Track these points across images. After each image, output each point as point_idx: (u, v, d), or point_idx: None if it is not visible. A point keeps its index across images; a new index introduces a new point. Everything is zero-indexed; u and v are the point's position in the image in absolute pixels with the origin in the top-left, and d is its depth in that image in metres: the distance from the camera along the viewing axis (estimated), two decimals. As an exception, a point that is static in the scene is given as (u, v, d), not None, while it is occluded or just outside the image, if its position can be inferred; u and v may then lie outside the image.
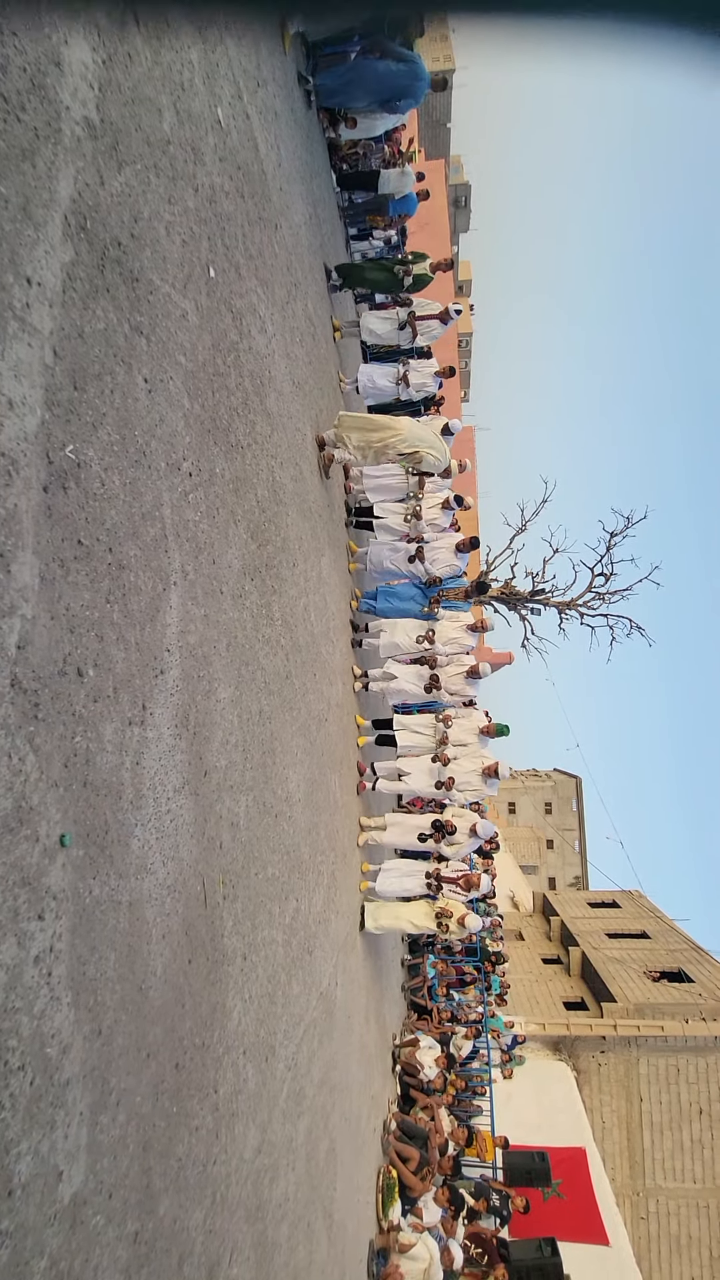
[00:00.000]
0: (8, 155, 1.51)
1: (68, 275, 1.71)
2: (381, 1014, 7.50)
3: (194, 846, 2.36)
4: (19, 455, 1.49)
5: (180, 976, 2.20)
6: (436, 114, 30.66)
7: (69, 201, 1.74)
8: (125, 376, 2.01)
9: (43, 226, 1.62)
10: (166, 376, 2.33)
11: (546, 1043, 13.74)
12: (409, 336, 7.17)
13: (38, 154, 1.62)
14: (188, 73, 2.72)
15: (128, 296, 2.06)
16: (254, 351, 3.52)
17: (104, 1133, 1.72)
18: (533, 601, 18.77)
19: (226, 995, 2.64)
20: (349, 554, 6.92)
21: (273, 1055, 3.21)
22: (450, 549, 6.74)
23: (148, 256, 2.22)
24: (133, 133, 2.16)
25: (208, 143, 2.93)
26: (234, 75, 3.44)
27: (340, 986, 4.86)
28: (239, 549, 3.07)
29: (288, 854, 3.63)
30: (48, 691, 1.55)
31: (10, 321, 1.48)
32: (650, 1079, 13.44)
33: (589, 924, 18.28)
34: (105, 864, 1.77)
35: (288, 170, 4.77)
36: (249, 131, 3.69)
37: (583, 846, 34.48)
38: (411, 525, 6.71)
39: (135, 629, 1.99)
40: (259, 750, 3.22)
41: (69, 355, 1.70)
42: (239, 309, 3.28)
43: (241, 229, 3.39)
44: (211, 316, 2.84)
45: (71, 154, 1.77)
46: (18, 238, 1.52)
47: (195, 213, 2.70)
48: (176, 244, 2.48)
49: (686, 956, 16.04)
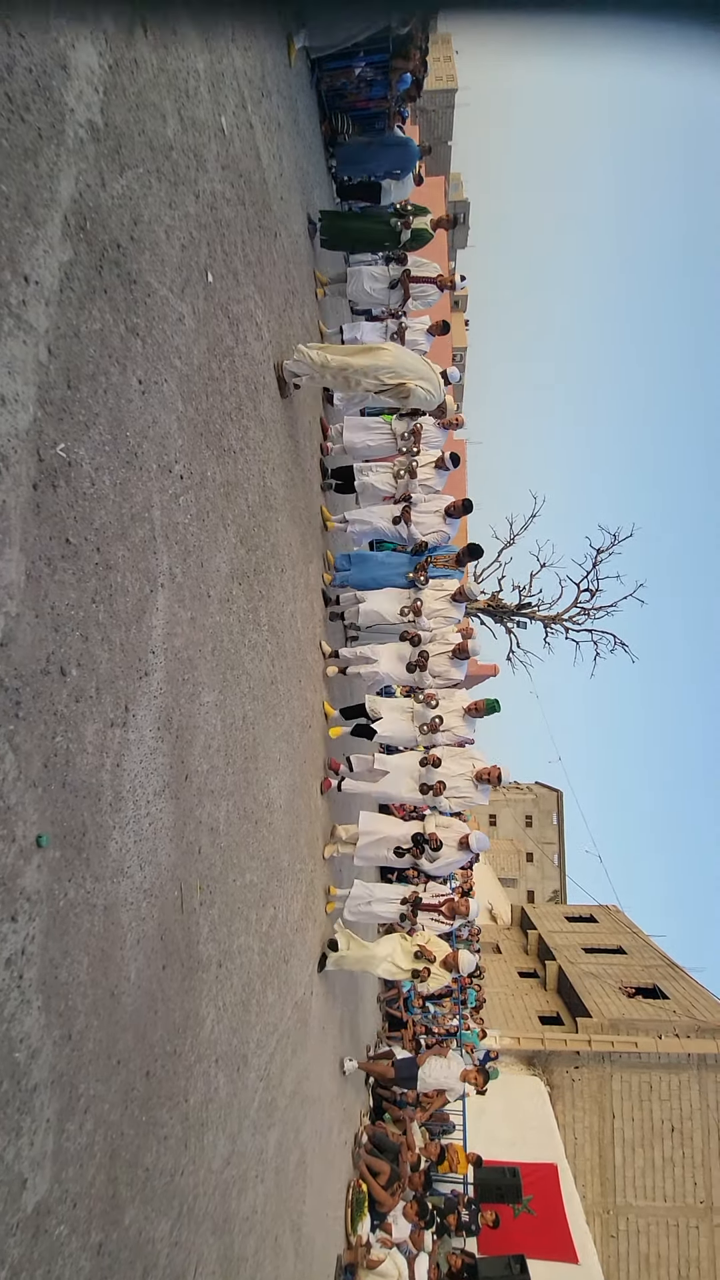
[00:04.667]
0: (10, 154, 1.51)
1: (65, 275, 1.71)
2: (356, 1025, 7.45)
3: (172, 851, 2.34)
4: (9, 452, 1.48)
5: (154, 983, 2.18)
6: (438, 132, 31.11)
7: (69, 202, 1.74)
8: (119, 377, 2.01)
9: (42, 226, 1.62)
10: (161, 379, 2.33)
11: (521, 1057, 13.71)
12: (400, 297, 6.41)
13: (40, 154, 1.63)
14: (193, 81, 2.75)
15: (125, 298, 2.06)
16: (249, 357, 3.54)
17: (71, 1140, 1.69)
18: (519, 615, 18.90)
19: (200, 1003, 2.61)
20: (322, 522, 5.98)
21: (245, 1065, 3.18)
22: (439, 513, 5.96)
23: (146, 259, 2.22)
24: (136, 137, 2.17)
25: (210, 150, 2.95)
26: (239, 85, 3.47)
27: (316, 996, 4.82)
28: (228, 553, 3.06)
29: (267, 861, 3.61)
30: (29, 690, 1.54)
31: (6, 319, 1.48)
32: (623, 1095, 13.46)
33: (566, 938, 18.32)
34: (81, 866, 1.75)
35: (289, 180, 4.81)
36: (252, 141, 3.72)
37: (562, 860, 34.60)
38: (403, 483, 5.87)
39: (120, 630, 1.98)
40: (241, 755, 3.21)
41: (64, 354, 1.70)
42: (236, 314, 3.29)
43: (241, 236, 3.41)
44: (208, 321, 2.85)
45: (74, 155, 1.77)
46: (17, 236, 1.52)
47: (195, 218, 2.72)
48: (176, 248, 2.49)
49: (662, 973, 16.12)
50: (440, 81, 31.30)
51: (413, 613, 5.76)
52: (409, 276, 6.30)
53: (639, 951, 17.44)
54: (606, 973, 16.07)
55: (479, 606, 18.83)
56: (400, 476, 5.88)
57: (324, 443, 6.09)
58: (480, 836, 5.32)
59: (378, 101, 6.80)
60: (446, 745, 5.64)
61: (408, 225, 6.21)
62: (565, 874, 34.04)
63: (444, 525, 5.93)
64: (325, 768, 5.50)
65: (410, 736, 5.68)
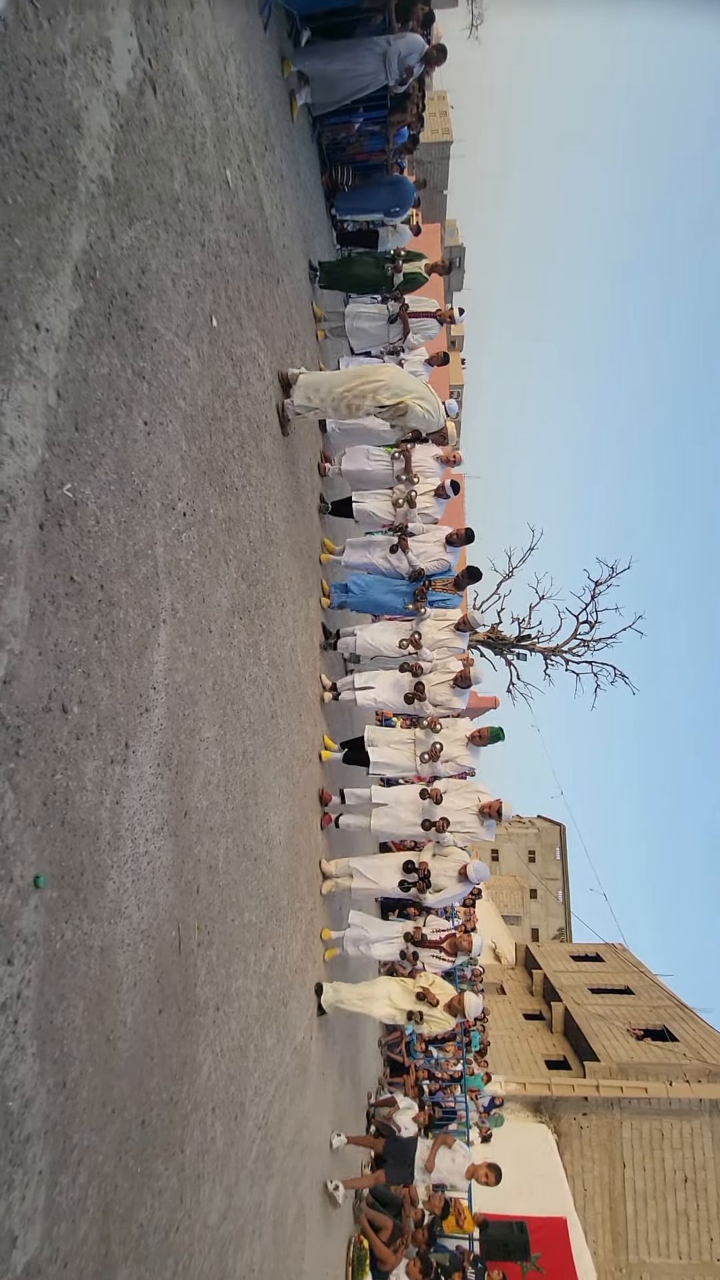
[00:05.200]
0: (25, 209, 1.57)
1: (75, 322, 1.76)
2: (357, 1070, 7.22)
3: (170, 890, 2.31)
4: (17, 493, 1.51)
5: (150, 1027, 2.13)
6: (434, 181, 32.29)
7: (80, 253, 1.81)
8: (126, 419, 2.06)
9: (54, 276, 1.68)
10: (166, 419, 2.38)
11: (527, 1103, 13.27)
12: (399, 331, 6.47)
13: (53, 209, 1.69)
14: (200, 137, 2.87)
15: (132, 343, 2.12)
16: (252, 397, 3.62)
17: (63, 1194, 1.63)
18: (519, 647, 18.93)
19: (197, 1048, 2.54)
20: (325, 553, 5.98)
21: (242, 1113, 3.08)
22: (440, 542, 5.84)
23: (153, 306, 2.29)
24: (145, 191, 2.26)
25: (216, 201, 3.07)
26: (244, 140, 3.62)
27: (315, 1040, 4.69)
28: (229, 588, 3.09)
29: (266, 900, 3.56)
30: (30, 728, 1.54)
31: (17, 365, 1.52)
32: (634, 1143, 12.99)
33: (572, 978, 17.89)
34: (79, 907, 1.73)
35: (291, 228, 4.98)
36: (256, 192, 3.87)
37: (566, 897, 33.96)
38: (400, 512, 5.78)
39: (122, 666, 1.99)
40: (241, 791, 3.18)
41: (72, 397, 1.74)
42: (239, 356, 3.38)
43: (245, 282, 3.52)
44: (212, 363, 2.93)
45: (85, 209, 1.85)
46: (29, 285, 1.58)
47: (201, 266, 2.81)
48: (182, 295, 2.57)
49: (670, 1014, 15.70)
50: (436, 134, 32.71)
51: (412, 645, 5.65)
52: (407, 311, 6.42)
53: (647, 992, 17.01)
54: (614, 1014, 15.64)
55: (479, 639, 18.87)
56: (399, 505, 5.83)
57: (322, 463, 6.10)
58: (479, 866, 5.10)
59: (376, 154, 7.09)
60: (449, 776, 5.47)
61: (399, 269, 6.43)
62: (570, 911, 33.39)
63: (445, 554, 5.86)
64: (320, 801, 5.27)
65: (409, 766, 5.49)
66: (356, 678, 5.76)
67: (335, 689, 5.75)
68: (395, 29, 5.51)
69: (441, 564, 5.90)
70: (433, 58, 5.83)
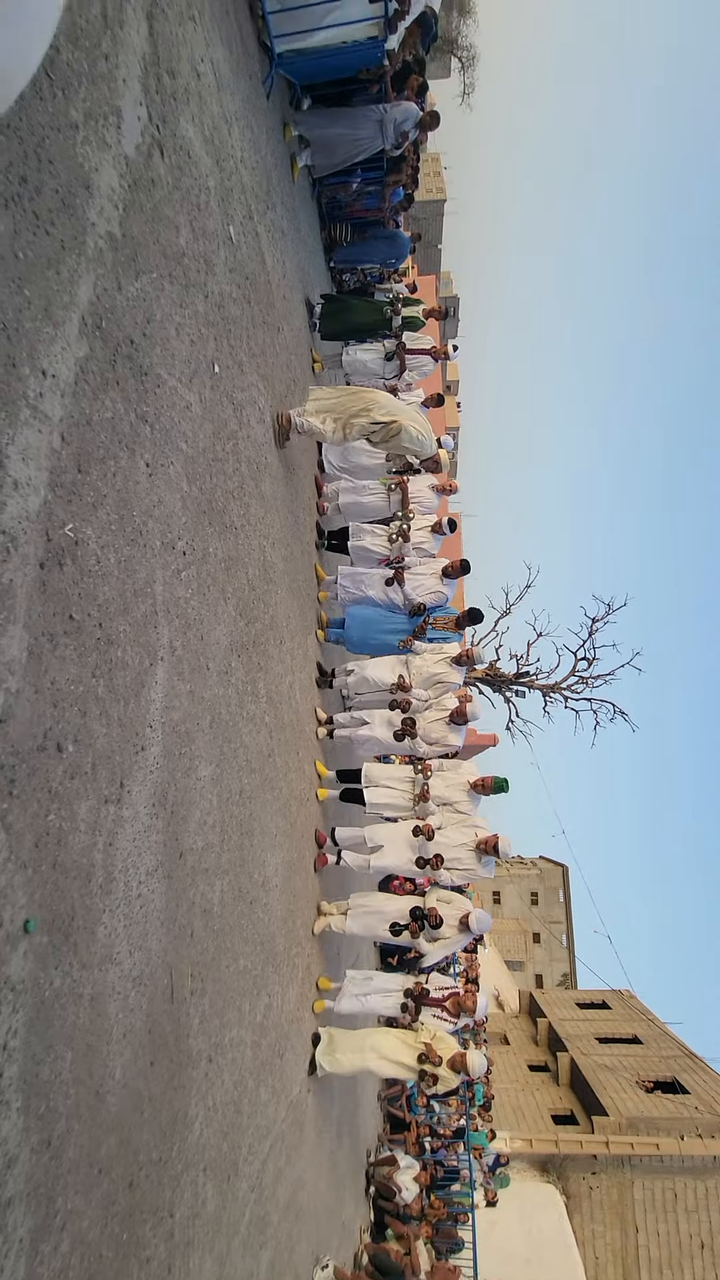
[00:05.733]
0: (35, 263, 1.63)
1: (81, 369, 1.82)
2: (356, 1127, 6.93)
3: (163, 935, 2.25)
4: (19, 533, 1.53)
5: (140, 1080, 2.05)
6: (429, 236, 33.61)
7: (87, 304, 1.87)
8: (128, 461, 2.10)
9: (61, 325, 1.74)
10: (168, 461, 2.43)
11: (533, 1162, 12.70)
12: (395, 369, 6.60)
13: (62, 263, 1.76)
14: (204, 196, 3.00)
15: (136, 388, 2.18)
16: (252, 440, 3.69)
17: (44, 1264, 1.55)
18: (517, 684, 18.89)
19: (189, 1103, 2.44)
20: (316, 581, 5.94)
21: (235, 1174, 2.94)
22: (436, 574, 5.79)
23: (157, 353, 2.36)
24: (151, 246, 2.35)
25: (219, 256, 3.19)
26: (246, 199, 3.79)
27: (312, 1094, 4.51)
28: (227, 626, 3.10)
29: (262, 945, 3.47)
30: (25, 767, 1.53)
31: (23, 409, 1.56)
32: (646, 1205, 12.38)
33: (578, 1027, 17.31)
34: (69, 953, 1.68)
35: (291, 280, 5.17)
36: (258, 247, 4.03)
37: (570, 941, 33.10)
38: (396, 547, 5.80)
39: (119, 704, 1.98)
40: (237, 831, 3.13)
41: (76, 440, 1.78)
42: (240, 401, 3.47)
43: (246, 331, 3.64)
44: (214, 407, 3.00)
45: (93, 263, 1.92)
46: (37, 335, 1.63)
47: (204, 316, 2.91)
48: (185, 343, 2.65)
49: (681, 1064, 15.14)
50: (430, 193, 34.25)
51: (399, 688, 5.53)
52: (404, 348, 6.55)
53: (655, 1041, 16.44)
54: (622, 1065, 15.09)
55: (477, 675, 18.85)
56: (395, 540, 5.81)
57: (319, 502, 6.11)
58: (481, 915, 4.87)
59: (373, 211, 7.41)
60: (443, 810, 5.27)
61: (397, 312, 6.64)
62: (574, 956, 32.49)
63: (441, 586, 5.80)
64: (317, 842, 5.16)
65: (406, 806, 5.35)
66: (352, 714, 5.66)
67: (331, 724, 5.66)
68: (391, 98, 5.82)
69: (438, 596, 5.86)
70: (427, 124, 6.16)
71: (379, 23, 4.79)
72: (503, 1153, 11.81)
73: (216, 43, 3.32)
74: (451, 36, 31.29)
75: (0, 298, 1.50)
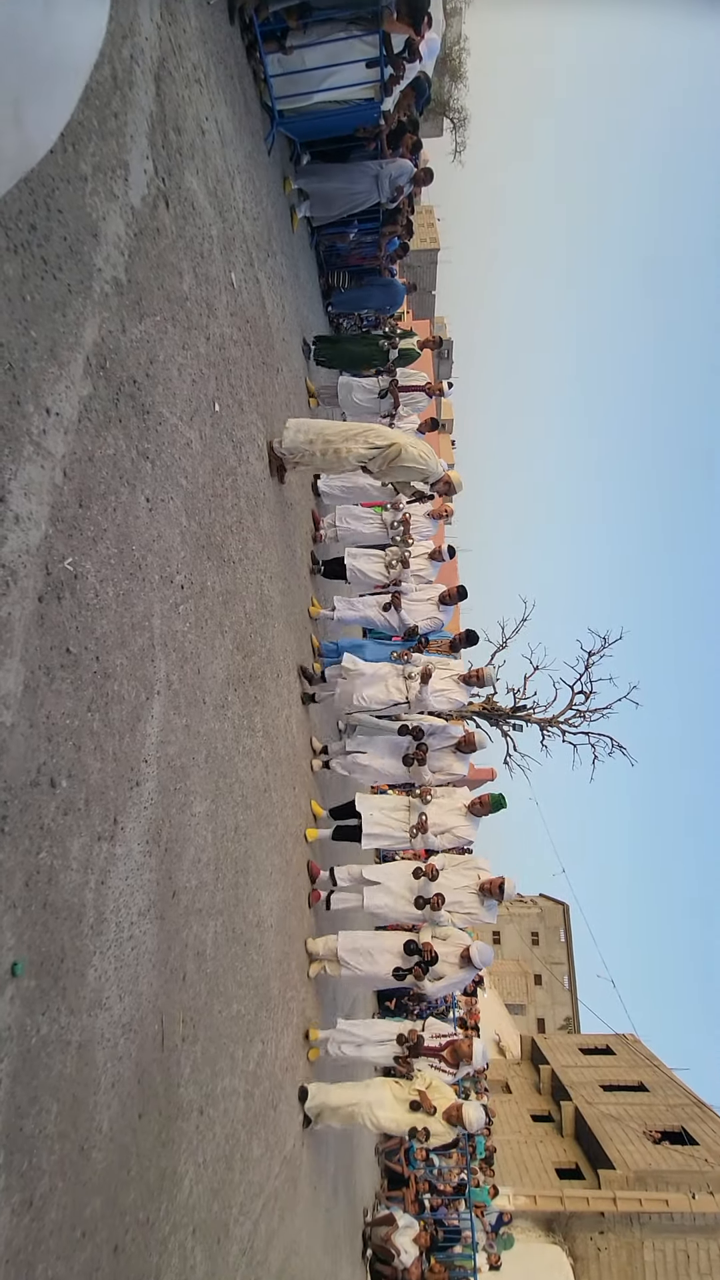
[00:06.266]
0: (41, 306, 1.68)
1: (84, 407, 1.85)
2: (352, 1182, 6.63)
3: (155, 978, 2.18)
4: (19, 567, 1.53)
5: (128, 1134, 1.96)
6: (423, 284, 34.78)
7: (92, 345, 1.92)
8: (129, 496, 2.13)
9: (66, 365, 1.77)
10: (168, 497, 2.46)
11: (538, 1220, 12.13)
12: (390, 405, 6.69)
13: (69, 306, 1.81)
14: (207, 244, 3.10)
15: (138, 426, 2.21)
16: (251, 476, 3.75)
17: (21, 1340, 1.46)
18: (514, 718, 18.80)
19: (179, 1159, 2.34)
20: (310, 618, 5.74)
21: (226, 1236, 2.80)
22: (433, 600, 5.76)
23: (160, 392, 2.41)
24: (155, 290, 2.42)
25: (221, 300, 3.28)
26: (248, 247, 3.92)
27: (307, 1148, 4.32)
28: (224, 659, 3.09)
29: (256, 988, 3.37)
30: (17, 803, 1.50)
31: (26, 445, 1.58)
32: (657, 1268, 11.79)
33: (582, 1074, 16.75)
34: (57, 997, 1.63)
35: (290, 324, 5.32)
36: (258, 292, 4.15)
37: (572, 983, 32.26)
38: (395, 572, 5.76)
39: (114, 738, 1.96)
40: (232, 869, 3.07)
41: (78, 476, 1.80)
42: (239, 438, 3.53)
43: (246, 371, 3.72)
44: (213, 445, 3.05)
45: (99, 306, 1.97)
46: (42, 374, 1.66)
47: (205, 357, 2.98)
48: (187, 382, 2.71)
49: (689, 1113, 14.62)
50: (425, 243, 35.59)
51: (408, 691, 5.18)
52: (397, 386, 6.65)
53: (662, 1088, 15.90)
54: (628, 1114, 14.56)
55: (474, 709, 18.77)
56: (393, 566, 5.78)
57: (316, 532, 6.12)
58: (483, 948, 4.64)
59: (370, 259, 7.68)
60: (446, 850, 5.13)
61: (394, 345, 6.73)
62: (576, 998, 31.61)
63: (438, 612, 5.77)
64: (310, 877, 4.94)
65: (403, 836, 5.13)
66: (349, 742, 5.49)
67: (326, 753, 5.52)
68: (387, 155, 6.08)
69: (434, 623, 5.82)
70: (421, 179, 6.44)
71: (375, 86, 5.04)
72: (506, 1210, 11.28)
73: (221, 103, 3.47)
74: (444, 99, 32.95)
75: (7, 338, 1.53)
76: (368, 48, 4.73)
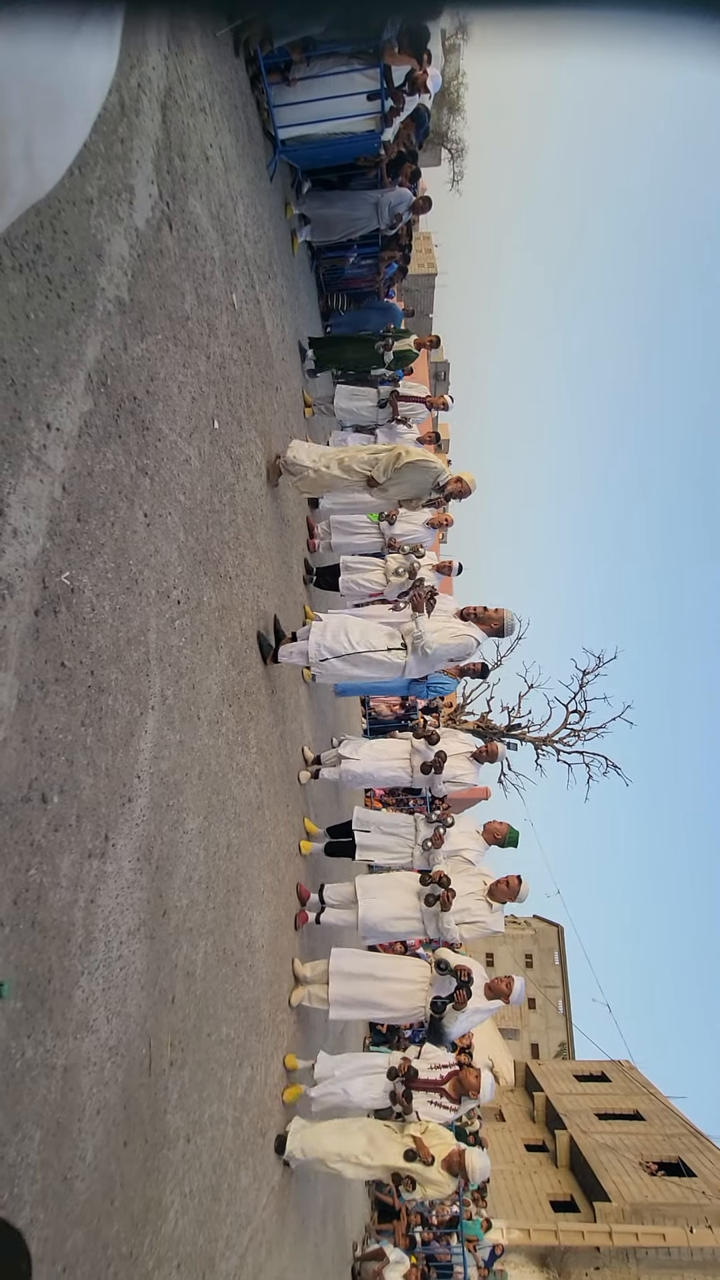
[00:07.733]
0: (45, 324, 1.69)
1: (85, 423, 1.86)
2: (341, 1214, 6.46)
3: (143, 1000, 2.14)
4: (15, 580, 1.53)
5: (113, 1163, 1.91)
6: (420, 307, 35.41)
7: (94, 362, 1.93)
8: (127, 511, 2.13)
9: (68, 382, 1.79)
10: (166, 512, 2.46)
11: (532, 1254, 11.84)
12: (388, 415, 6.53)
13: (71, 324, 1.83)
14: (209, 266, 3.15)
15: (137, 442, 2.23)
16: (249, 492, 3.77)
17: None
18: (509, 736, 18.77)
19: (164, 1188, 2.28)
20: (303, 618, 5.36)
21: (211, 1270, 2.72)
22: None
23: (160, 409, 2.43)
24: (157, 310, 2.45)
25: (222, 320, 3.33)
26: (249, 269, 3.98)
27: (296, 1179, 4.21)
28: (220, 675, 3.08)
29: (246, 1011, 3.30)
30: (7, 819, 1.48)
31: (26, 460, 1.59)
32: (653, 1307, 11.49)
33: (577, 1101, 16.46)
34: (43, 1019, 1.59)
35: (290, 344, 5.39)
36: (259, 313, 4.21)
37: (567, 1007, 31.81)
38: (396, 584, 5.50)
39: (107, 754, 1.95)
40: (224, 888, 3.03)
41: (76, 491, 1.80)
42: (238, 455, 3.55)
43: (245, 389, 3.76)
44: (212, 461, 3.07)
45: (101, 325, 1.99)
46: (44, 390, 1.67)
47: (205, 375, 3.01)
48: (187, 400, 2.73)
49: (686, 1143, 14.36)
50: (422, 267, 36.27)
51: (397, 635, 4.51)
52: (397, 396, 6.50)
53: (659, 1117, 15.62)
54: (624, 1144, 14.28)
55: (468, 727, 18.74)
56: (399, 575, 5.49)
57: (311, 541, 5.99)
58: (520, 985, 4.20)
59: (368, 282, 7.82)
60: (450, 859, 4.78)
61: (389, 347, 6.61)
62: (571, 1023, 31.15)
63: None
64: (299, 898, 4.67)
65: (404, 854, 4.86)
66: (342, 748, 5.17)
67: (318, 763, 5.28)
68: (387, 183, 6.22)
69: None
70: (419, 207, 6.59)
71: (376, 117, 5.17)
72: (499, 1244, 11.01)
73: (225, 130, 3.55)
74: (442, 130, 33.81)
75: (10, 355, 1.55)
76: (369, 80, 4.86)
